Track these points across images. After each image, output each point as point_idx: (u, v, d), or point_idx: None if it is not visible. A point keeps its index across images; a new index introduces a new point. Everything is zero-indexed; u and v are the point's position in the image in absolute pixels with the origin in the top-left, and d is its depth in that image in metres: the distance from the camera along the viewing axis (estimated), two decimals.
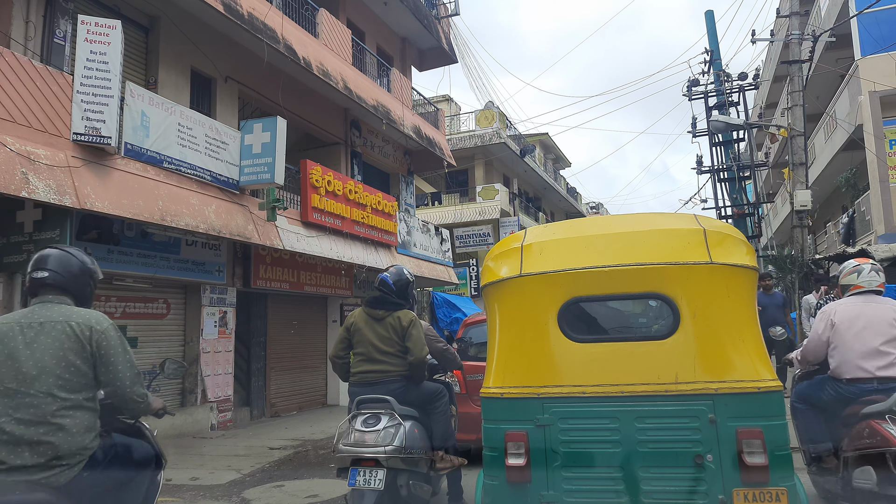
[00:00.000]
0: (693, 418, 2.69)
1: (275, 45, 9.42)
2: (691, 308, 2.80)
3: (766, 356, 2.82)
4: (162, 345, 8.78)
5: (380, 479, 3.54)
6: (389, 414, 3.77)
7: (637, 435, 2.72)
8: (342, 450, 3.71)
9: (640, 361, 2.83)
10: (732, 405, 2.67)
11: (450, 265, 16.24)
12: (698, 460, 2.65)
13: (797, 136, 11.89)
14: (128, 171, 7.10)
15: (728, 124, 13.78)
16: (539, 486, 2.75)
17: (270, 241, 9.11)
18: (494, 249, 3.37)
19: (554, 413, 2.81)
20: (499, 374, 3.00)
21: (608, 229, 3.30)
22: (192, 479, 6.08)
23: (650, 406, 2.75)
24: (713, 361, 2.77)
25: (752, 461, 2.58)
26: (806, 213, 12.00)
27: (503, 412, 2.91)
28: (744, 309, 2.84)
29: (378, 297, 4.14)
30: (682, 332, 2.81)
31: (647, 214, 3.84)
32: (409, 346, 3.97)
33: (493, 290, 3.13)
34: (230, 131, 8.75)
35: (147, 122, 7.40)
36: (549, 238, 3.25)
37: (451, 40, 17.26)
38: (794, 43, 12.15)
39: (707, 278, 2.84)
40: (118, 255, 7.71)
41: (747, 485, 2.59)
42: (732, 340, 2.79)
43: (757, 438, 2.60)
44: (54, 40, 7.34)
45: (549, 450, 2.78)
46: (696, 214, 3.27)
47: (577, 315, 3.04)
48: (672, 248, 2.92)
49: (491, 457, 2.88)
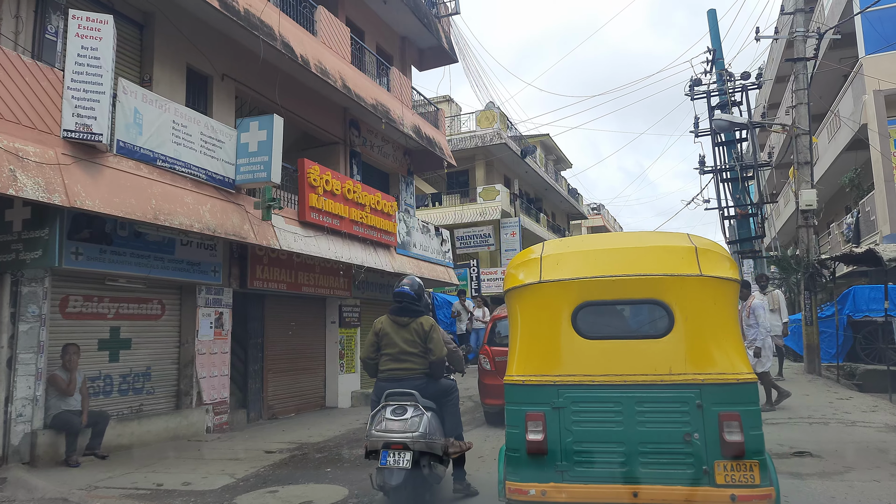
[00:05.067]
0: (683, 403, 3.21)
1: (271, 43, 9.29)
2: (683, 312, 3.32)
3: (744, 353, 3.35)
4: (157, 346, 8.63)
5: (407, 460, 4.19)
6: (414, 405, 4.49)
7: (637, 416, 3.24)
8: (375, 435, 4.40)
9: (640, 356, 3.35)
10: (716, 393, 3.19)
11: (450, 266, 16.08)
12: (687, 438, 3.17)
13: (802, 135, 11.71)
14: (120, 168, 6.96)
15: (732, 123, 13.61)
16: (554, 458, 3.27)
17: (267, 241, 8.96)
18: (516, 259, 3.90)
19: (567, 397, 3.34)
20: (520, 364, 3.51)
21: (615, 245, 3.90)
22: (184, 483, 5.93)
23: (648, 393, 3.27)
24: (700, 357, 3.28)
25: (731, 439, 3.10)
26: (811, 212, 11.84)
27: (524, 396, 3.42)
28: (727, 314, 3.37)
29: (402, 307, 4.89)
30: (675, 333, 3.32)
31: (647, 233, 4.61)
32: (431, 346, 4.75)
33: (515, 293, 3.64)
34: (226, 129, 8.61)
35: (140, 120, 7.26)
36: (564, 251, 3.76)
37: (452, 39, 17.12)
38: (798, 40, 11.98)
39: (697, 288, 3.35)
40: (111, 255, 7.56)
41: (727, 458, 3.10)
42: (716, 340, 3.31)
43: (735, 420, 3.11)
44: (46, 36, 7.22)
45: (562, 428, 3.30)
46: (689, 234, 3.75)
47: (588, 316, 3.49)
48: (668, 262, 3.43)
49: (513, 433, 3.39)
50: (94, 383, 7.74)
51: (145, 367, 8.45)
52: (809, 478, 5.32)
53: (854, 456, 6.04)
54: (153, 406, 8.51)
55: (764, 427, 3.22)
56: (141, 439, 7.76)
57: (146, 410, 8.35)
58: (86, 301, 7.73)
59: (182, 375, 8.88)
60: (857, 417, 7.86)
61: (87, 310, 7.74)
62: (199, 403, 8.82)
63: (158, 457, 7.20)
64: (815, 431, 7.18)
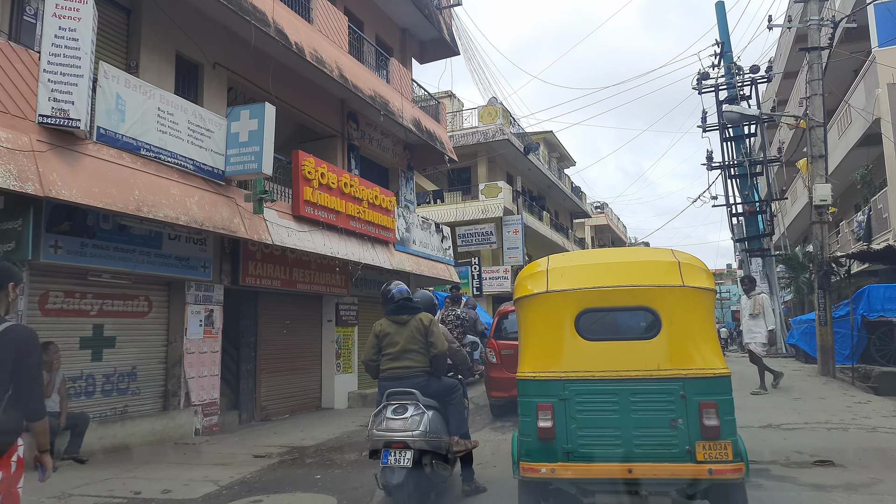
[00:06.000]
0: (670, 394, 3.72)
1: (264, 29, 8.91)
2: (669, 317, 3.83)
3: (720, 351, 3.91)
4: (143, 345, 8.27)
5: (408, 459, 4.28)
6: (415, 404, 4.54)
7: (631, 406, 3.74)
8: (376, 434, 4.46)
9: (633, 354, 3.85)
10: (696, 386, 3.70)
11: (451, 263, 15.69)
12: (672, 423, 3.67)
13: (816, 127, 11.29)
14: (100, 157, 6.59)
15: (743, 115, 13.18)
16: (561, 441, 3.75)
17: (258, 236, 8.59)
18: (524, 272, 4.38)
19: (572, 390, 3.82)
20: (531, 362, 4.00)
21: (610, 259, 4.49)
22: (163, 491, 5.56)
23: (640, 386, 3.77)
24: (683, 355, 3.80)
25: (709, 423, 3.62)
26: (826, 207, 11.40)
27: (535, 389, 3.89)
28: (705, 318, 3.94)
29: (399, 306, 4.94)
30: (662, 335, 3.82)
31: (637, 248, 5.30)
32: (432, 340, 4.82)
33: (526, 301, 4.13)
34: (215, 118, 8.24)
35: (122, 106, 6.90)
36: (567, 264, 4.31)
37: (453, 31, 16.72)
38: (812, 29, 11.55)
39: (680, 296, 3.89)
40: (93, 249, 7.20)
41: (705, 439, 3.61)
42: (696, 340, 3.84)
43: (712, 408, 3.64)
44: (24, 18, 6.85)
45: (568, 416, 3.78)
46: (673, 249, 4.29)
47: (589, 321, 3.98)
48: (656, 274, 4.00)
49: (525, 421, 3.85)
50: (76, 383, 7.38)
51: (130, 366, 8.09)
52: (834, 490, 4.93)
53: (879, 466, 5.64)
54: (139, 407, 8.15)
55: (781, 433, 4.13)
56: (124, 442, 7.41)
57: (131, 412, 7.99)
58: (67, 297, 7.37)
59: (170, 375, 8.52)
60: (878, 423, 7.46)
61: (68, 306, 7.38)
62: (187, 405, 8.46)
63: (141, 461, 6.85)
64: (835, 438, 6.78)
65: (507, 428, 7.96)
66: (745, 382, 10.51)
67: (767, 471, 5.51)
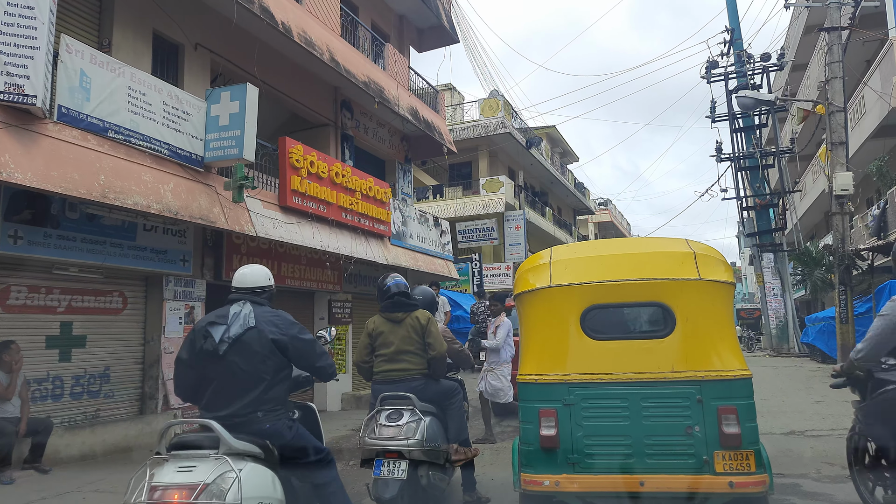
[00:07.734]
0: (685, 399, 3.40)
1: (248, 6, 8.32)
2: (683, 314, 3.53)
3: (739, 351, 3.58)
4: (117, 344, 7.70)
5: (402, 470, 3.92)
6: (410, 410, 4.14)
7: (642, 412, 3.42)
8: (368, 443, 4.09)
9: (645, 355, 3.54)
10: (714, 389, 3.38)
11: (450, 259, 15.11)
12: (688, 431, 3.35)
13: (836, 112, 10.66)
14: (61, 138, 6.01)
15: (757, 100, 12.57)
16: (566, 451, 3.45)
17: (240, 227, 8.02)
18: (526, 264, 4.10)
19: (578, 394, 3.52)
20: (533, 364, 3.70)
21: (619, 250, 4.10)
22: None
23: (652, 389, 3.45)
24: (700, 355, 3.48)
25: (729, 430, 3.28)
26: (847, 197, 10.78)
27: (537, 394, 3.59)
28: (723, 314, 3.59)
29: (394, 302, 4.50)
30: (676, 333, 3.52)
31: (649, 238, 4.76)
32: (429, 341, 4.39)
33: (527, 297, 3.83)
34: (193, 100, 7.66)
35: (88, 84, 6.31)
36: (572, 256, 3.98)
37: (453, 18, 16.12)
38: (832, 8, 10.92)
39: (696, 291, 3.57)
40: (57, 240, 6.62)
41: (725, 448, 3.27)
42: (713, 339, 3.51)
43: (732, 414, 3.30)
44: None
45: (573, 423, 3.48)
46: (688, 239, 3.91)
47: (596, 318, 3.67)
48: (669, 266, 3.66)
49: (527, 428, 3.56)
50: (41, 385, 6.82)
51: (103, 367, 7.52)
52: None
53: None
54: (112, 411, 7.58)
55: (807, 441, 3.61)
56: (94, 450, 6.85)
57: (104, 417, 7.42)
58: (31, 292, 6.80)
59: (147, 377, 7.96)
60: None
61: (32, 302, 6.81)
62: (165, 408, 7.89)
63: (109, 470, 6.27)
64: None
65: (506, 434, 7.39)
66: (758, 386, 9.91)
67: (798, 486, 4.95)
